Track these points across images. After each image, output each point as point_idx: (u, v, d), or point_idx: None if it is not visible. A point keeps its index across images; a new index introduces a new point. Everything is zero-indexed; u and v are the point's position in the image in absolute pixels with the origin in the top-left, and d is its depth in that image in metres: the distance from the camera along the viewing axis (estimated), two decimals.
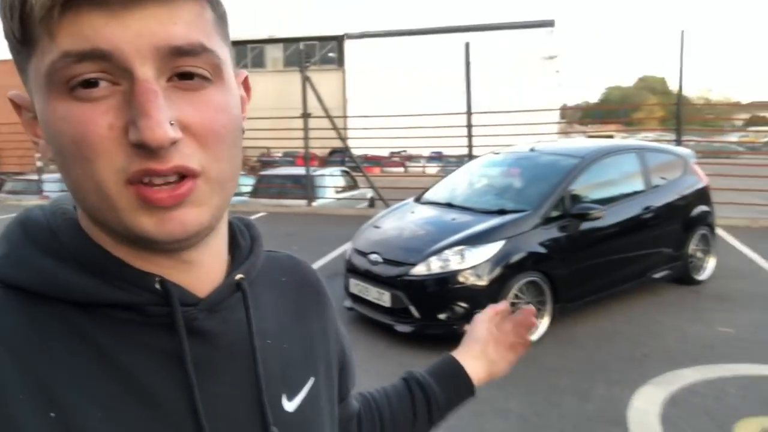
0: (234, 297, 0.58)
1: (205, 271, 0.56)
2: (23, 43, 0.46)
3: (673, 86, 14.76)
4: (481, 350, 0.95)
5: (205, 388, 0.53)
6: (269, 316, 0.63)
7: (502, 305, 1.00)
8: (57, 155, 0.48)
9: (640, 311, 5.20)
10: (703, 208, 6.07)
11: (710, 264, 6.09)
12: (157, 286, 0.52)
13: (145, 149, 0.44)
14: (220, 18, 0.51)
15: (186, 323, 0.53)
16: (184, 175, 0.47)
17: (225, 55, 0.50)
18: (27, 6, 0.43)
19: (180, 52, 0.45)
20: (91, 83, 0.44)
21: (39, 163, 13.47)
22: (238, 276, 0.59)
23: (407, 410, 0.89)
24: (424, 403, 0.90)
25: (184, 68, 0.46)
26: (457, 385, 0.92)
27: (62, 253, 0.51)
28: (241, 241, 0.64)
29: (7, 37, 0.47)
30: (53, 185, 13.50)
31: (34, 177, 13.87)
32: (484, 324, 0.98)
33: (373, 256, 4.78)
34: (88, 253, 0.51)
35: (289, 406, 0.61)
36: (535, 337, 4.53)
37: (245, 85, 0.58)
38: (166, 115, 0.44)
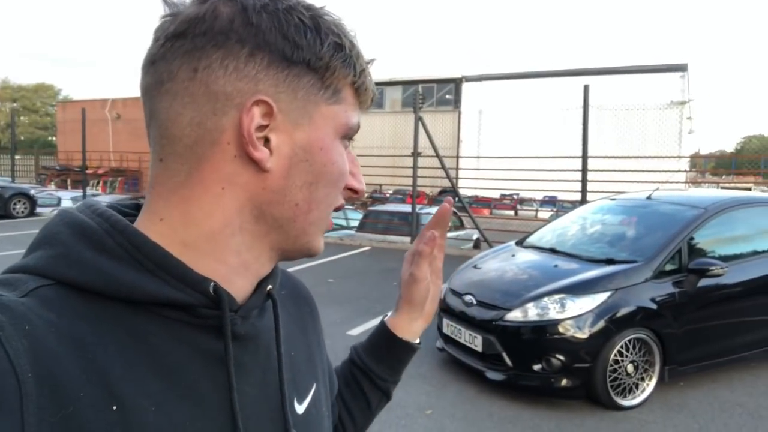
0: (261, 305, 0.63)
1: (243, 282, 0.60)
2: (333, 91, 0.59)
3: None
4: (420, 309, 0.89)
5: (239, 388, 0.57)
6: (280, 324, 0.68)
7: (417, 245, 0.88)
8: (311, 173, 0.59)
9: (765, 383, 4.63)
10: None
11: None
12: (211, 290, 0.55)
13: (352, 193, 0.65)
14: None
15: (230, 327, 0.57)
16: None
17: None
18: (359, 81, 0.61)
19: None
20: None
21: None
22: (269, 287, 0.64)
23: (361, 399, 0.91)
24: (372, 388, 0.90)
25: None
26: (397, 356, 0.90)
27: (118, 252, 0.53)
28: None
29: (317, 70, 0.57)
30: None
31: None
32: (421, 283, 0.87)
33: (468, 298, 4.69)
34: (149, 252, 0.53)
35: (300, 408, 0.67)
36: (639, 399, 4.18)
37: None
38: None
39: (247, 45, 0.53)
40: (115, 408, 0.48)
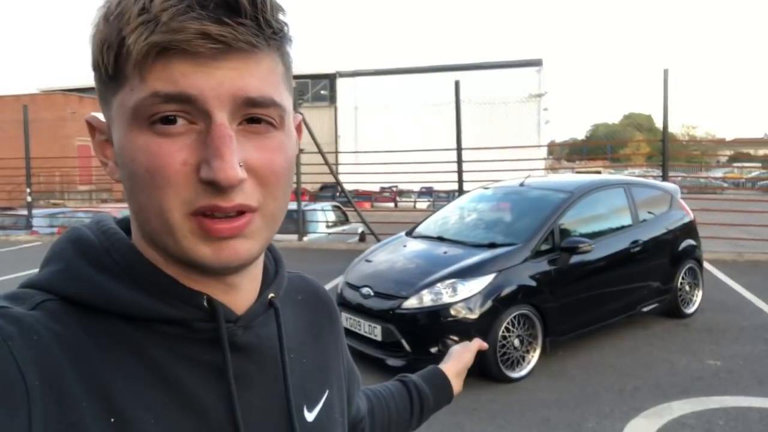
0: (264, 314, 0.63)
1: (244, 292, 0.61)
2: (113, 78, 0.51)
3: (658, 123, 15.09)
4: (460, 371, 1.13)
5: (242, 398, 0.58)
6: (290, 332, 0.67)
7: (484, 344, 1.19)
8: (127, 179, 0.53)
9: (629, 344, 5.23)
10: (690, 242, 6.17)
11: (698, 297, 6.16)
12: (205, 303, 0.57)
13: (214, 187, 0.49)
14: (287, 69, 0.56)
15: (228, 338, 0.57)
16: (242, 211, 0.52)
17: (289, 105, 0.56)
18: (124, 48, 0.49)
19: (253, 103, 0.51)
20: (169, 120, 0.50)
21: (29, 198, 13.43)
22: (270, 295, 0.64)
23: (407, 408, 1.02)
24: (419, 404, 1.04)
25: (255, 115, 0.52)
26: (442, 392, 1.08)
27: (116, 270, 0.55)
28: (267, 262, 0.69)
29: (95, 69, 0.53)
30: (42, 220, 13.44)
31: (24, 212, 13.80)
32: (469, 353, 1.15)
33: (365, 290, 4.81)
34: (142, 270, 0.55)
35: (310, 416, 0.66)
36: (525, 370, 4.54)
37: (298, 128, 0.63)
38: (237, 157, 0.49)
39: None
40: (113, 420, 0.49)
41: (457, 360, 1.13)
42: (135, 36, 0.47)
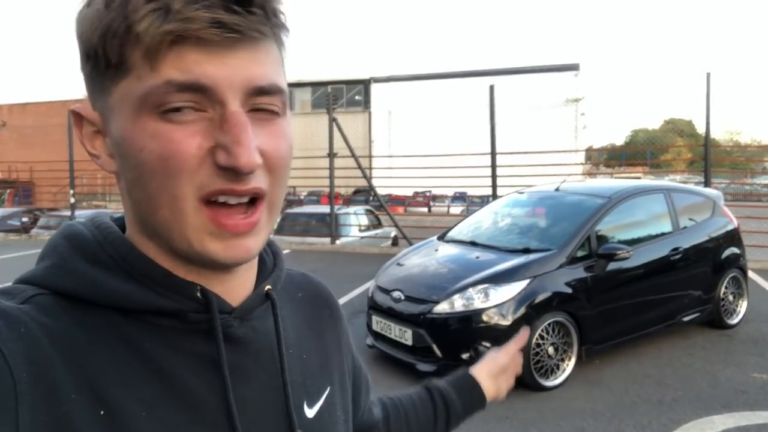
0: (262, 307, 0.62)
1: (239, 282, 0.60)
2: (114, 67, 0.50)
3: (700, 128, 14.66)
4: (497, 373, 1.06)
5: (238, 392, 0.57)
6: (289, 327, 0.67)
7: (522, 342, 1.12)
8: (131, 169, 0.51)
9: (669, 354, 5.06)
10: (733, 250, 5.95)
11: (742, 307, 5.93)
12: (198, 294, 0.55)
13: (233, 173, 0.49)
14: (283, 57, 0.57)
15: (222, 330, 0.56)
16: (254, 198, 0.53)
17: (287, 90, 0.56)
18: (131, 35, 0.48)
19: (262, 91, 0.51)
20: (177, 109, 0.49)
21: (72, 200, 13.86)
22: (267, 287, 0.63)
23: (430, 417, 0.97)
24: (444, 412, 0.98)
25: (262, 104, 0.52)
26: (472, 397, 1.01)
27: (109, 263, 0.55)
28: (265, 256, 0.68)
29: (89, 58, 0.51)
30: None
31: (67, 213, 14.24)
32: (507, 355, 1.09)
33: (396, 294, 4.77)
34: (135, 262, 0.55)
35: (310, 412, 0.65)
36: (560, 379, 4.44)
37: None
38: (254, 143, 0.50)
39: None
40: (103, 413, 0.49)
41: (490, 361, 1.07)
42: (146, 24, 0.47)
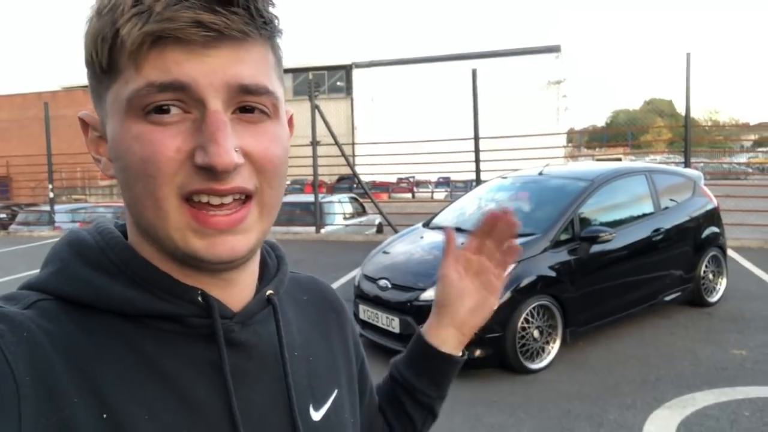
0: (264, 311, 0.63)
1: (240, 287, 0.61)
2: (107, 72, 0.51)
3: (680, 108, 14.81)
4: (450, 314, 0.86)
5: (241, 395, 0.57)
6: (294, 330, 0.68)
7: (454, 241, 0.89)
8: (121, 171, 0.53)
9: (651, 334, 5.15)
10: (713, 229, 6.05)
11: (722, 285, 6.05)
12: (200, 299, 0.56)
13: (210, 172, 0.50)
14: (278, 61, 0.57)
15: (224, 334, 0.57)
16: (240, 198, 0.53)
17: (281, 94, 0.56)
18: (118, 39, 0.49)
19: (246, 90, 0.51)
20: (163, 109, 0.50)
21: (51, 194, 13.64)
22: (269, 292, 0.63)
23: (404, 419, 0.86)
24: (415, 406, 0.86)
25: (248, 103, 0.52)
26: (436, 368, 0.85)
27: (111, 269, 0.55)
28: (269, 260, 0.69)
29: (89, 65, 0.53)
30: (65, 216, 13.64)
31: (46, 208, 14.01)
32: (446, 280, 0.87)
33: (383, 282, 4.79)
34: (137, 267, 0.56)
35: (316, 415, 0.65)
36: (546, 361, 4.50)
37: (289, 122, 0.63)
38: (232, 143, 0.50)
39: None
40: (105, 416, 0.49)
41: (436, 305, 0.87)
42: (129, 26, 0.48)
